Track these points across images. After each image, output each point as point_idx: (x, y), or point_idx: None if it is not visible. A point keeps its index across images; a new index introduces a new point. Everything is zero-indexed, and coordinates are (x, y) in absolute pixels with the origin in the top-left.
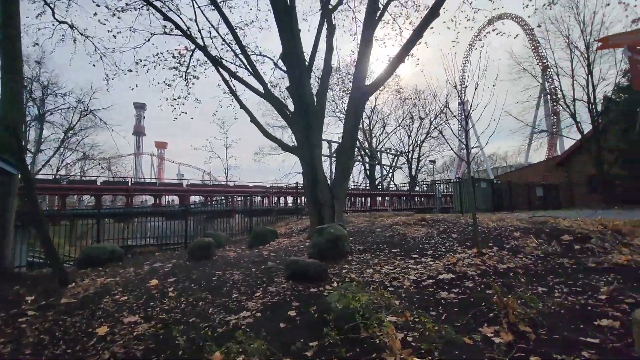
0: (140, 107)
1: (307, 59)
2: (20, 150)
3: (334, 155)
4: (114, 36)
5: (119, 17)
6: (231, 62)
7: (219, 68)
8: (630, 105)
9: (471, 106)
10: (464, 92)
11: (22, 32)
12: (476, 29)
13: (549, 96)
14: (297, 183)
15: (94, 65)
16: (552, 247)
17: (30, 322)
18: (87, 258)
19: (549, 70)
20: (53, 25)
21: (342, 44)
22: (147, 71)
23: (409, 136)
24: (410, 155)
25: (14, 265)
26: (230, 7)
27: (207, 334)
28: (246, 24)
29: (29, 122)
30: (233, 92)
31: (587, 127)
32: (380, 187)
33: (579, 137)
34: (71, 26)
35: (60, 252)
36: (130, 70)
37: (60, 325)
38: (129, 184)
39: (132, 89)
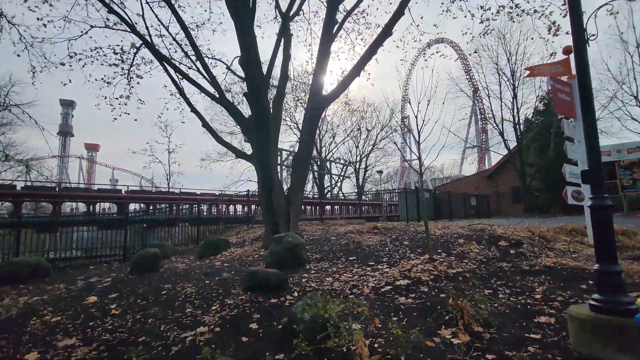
0: (67, 104)
1: (265, 67)
2: None
3: (284, 163)
4: (44, 25)
5: (51, 4)
6: (181, 63)
7: (168, 68)
8: (546, 127)
9: (423, 120)
10: (418, 106)
11: None
12: (418, 49)
13: (479, 115)
14: (248, 191)
15: (18, 56)
16: (492, 252)
17: None
18: (4, 274)
19: (478, 92)
20: None
21: (295, 53)
22: (83, 66)
23: (357, 147)
24: (357, 165)
25: None
26: (181, 7)
27: (162, 354)
28: (197, 25)
29: None
30: (183, 94)
31: (513, 144)
32: (330, 195)
33: (505, 152)
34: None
35: None
36: (62, 64)
37: None
38: (57, 189)
39: (65, 85)
